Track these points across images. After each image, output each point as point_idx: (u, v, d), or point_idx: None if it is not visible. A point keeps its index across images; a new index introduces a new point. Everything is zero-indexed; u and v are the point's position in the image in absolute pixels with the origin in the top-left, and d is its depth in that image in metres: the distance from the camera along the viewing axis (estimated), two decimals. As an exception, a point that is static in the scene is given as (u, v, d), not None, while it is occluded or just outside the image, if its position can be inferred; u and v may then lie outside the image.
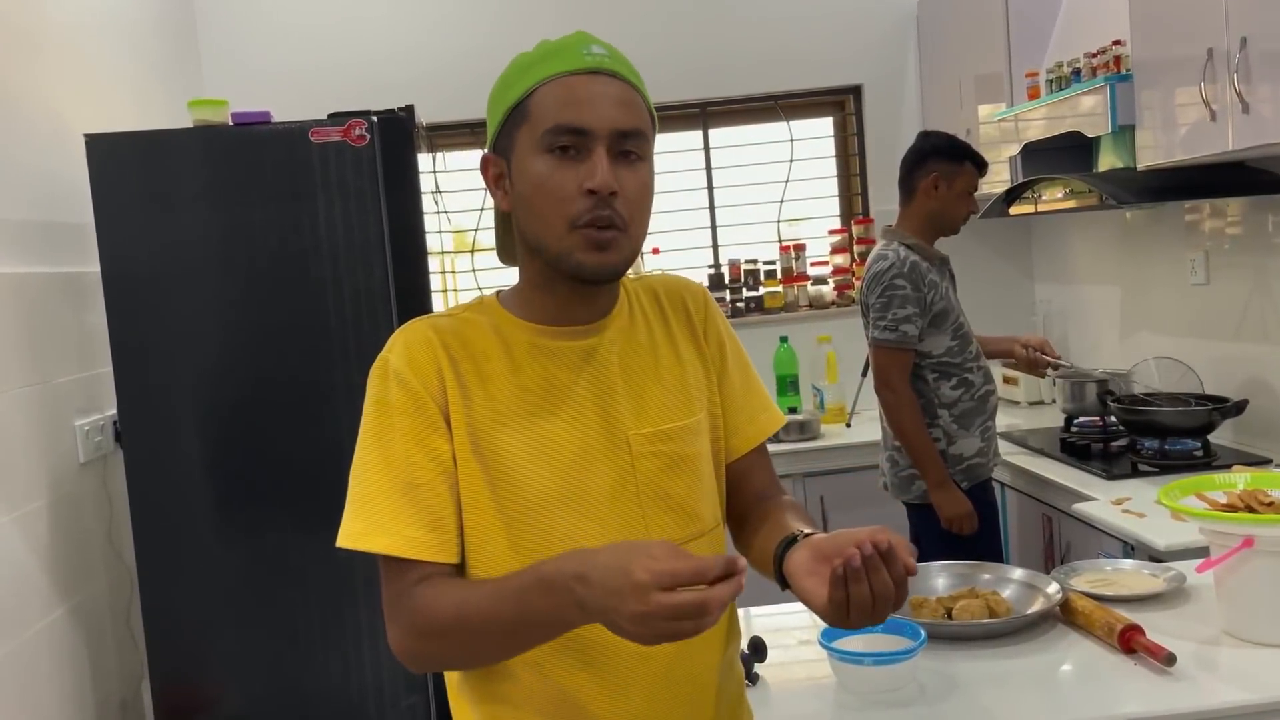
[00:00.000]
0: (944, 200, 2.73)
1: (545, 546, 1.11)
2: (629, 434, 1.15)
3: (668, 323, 1.24)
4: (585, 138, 1.08)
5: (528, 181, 1.11)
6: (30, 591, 2.31)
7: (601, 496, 1.13)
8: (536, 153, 1.09)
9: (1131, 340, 3.34)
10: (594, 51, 1.12)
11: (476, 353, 1.14)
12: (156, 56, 3.35)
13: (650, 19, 3.85)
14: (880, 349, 2.67)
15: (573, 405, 1.14)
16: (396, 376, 1.12)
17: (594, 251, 1.09)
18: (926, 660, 1.57)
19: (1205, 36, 2.22)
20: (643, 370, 1.19)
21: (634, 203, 1.11)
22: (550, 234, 1.10)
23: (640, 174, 1.12)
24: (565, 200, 1.08)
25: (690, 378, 1.22)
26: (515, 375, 1.14)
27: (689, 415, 1.19)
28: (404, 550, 1.08)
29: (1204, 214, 2.91)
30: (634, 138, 1.11)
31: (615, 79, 1.12)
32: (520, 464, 1.11)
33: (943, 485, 2.64)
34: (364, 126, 2.31)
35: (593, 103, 1.09)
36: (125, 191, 2.33)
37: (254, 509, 2.40)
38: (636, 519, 1.14)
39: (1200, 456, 2.66)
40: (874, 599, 1.00)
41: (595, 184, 1.07)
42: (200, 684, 2.43)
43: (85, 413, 2.60)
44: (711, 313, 1.28)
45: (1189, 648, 1.55)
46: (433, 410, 1.11)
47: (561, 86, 1.10)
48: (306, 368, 2.37)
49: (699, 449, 1.20)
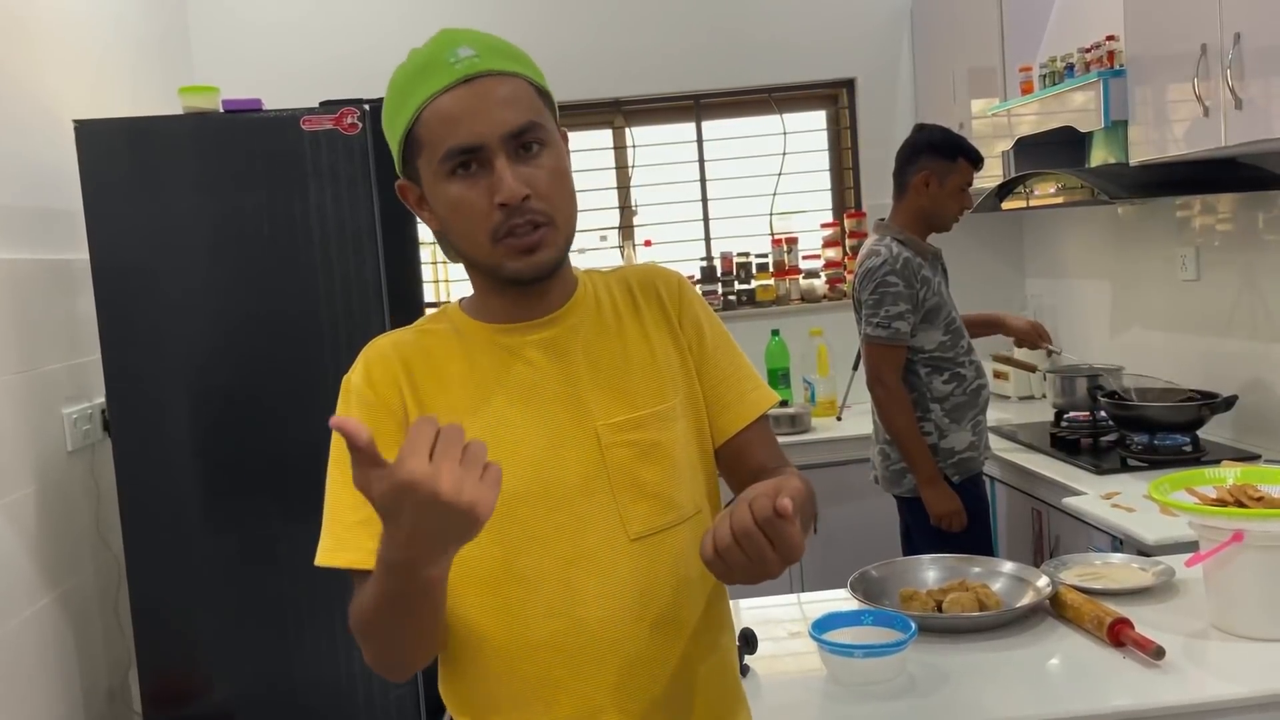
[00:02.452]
0: (935, 198, 2.73)
1: (524, 541, 1.12)
2: (597, 424, 1.15)
3: (638, 310, 1.23)
4: (480, 152, 1.08)
5: (443, 207, 1.11)
6: (17, 579, 2.30)
7: (573, 488, 1.13)
8: (440, 179, 1.10)
9: (1122, 335, 3.35)
10: (461, 56, 1.09)
11: (436, 361, 1.16)
12: (147, 43, 3.32)
13: (644, 11, 3.84)
14: (873, 346, 2.67)
15: (537, 398, 1.15)
16: (357, 393, 1.15)
17: (522, 256, 1.10)
18: (916, 652, 1.58)
19: (1199, 32, 2.22)
20: (610, 359, 1.19)
21: (549, 194, 1.10)
22: (477, 250, 1.11)
23: (547, 162, 1.10)
24: (481, 217, 1.09)
25: (662, 364, 1.21)
26: (475, 375, 1.15)
27: (660, 401, 1.19)
28: (361, 563, 1.09)
29: (1195, 210, 2.92)
30: (528, 131, 1.09)
31: (491, 77, 1.09)
32: None
33: (932, 482, 2.64)
34: (356, 114, 2.30)
35: (474, 115, 1.07)
36: (115, 178, 2.31)
37: (243, 498, 2.40)
38: (610, 509, 1.14)
39: (1189, 451, 2.66)
40: (750, 561, 0.95)
41: (503, 197, 1.07)
42: (188, 673, 2.42)
43: (74, 401, 2.58)
44: (686, 298, 1.26)
45: (1178, 641, 1.56)
46: (390, 425, 1.13)
47: (440, 108, 1.08)
48: (296, 356, 2.36)
49: (673, 435, 1.19)
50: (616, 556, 1.14)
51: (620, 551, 1.14)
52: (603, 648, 1.12)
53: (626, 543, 1.14)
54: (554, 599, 1.12)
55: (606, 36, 3.83)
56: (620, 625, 1.13)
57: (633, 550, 1.14)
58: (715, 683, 1.22)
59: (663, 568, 1.16)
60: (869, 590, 1.80)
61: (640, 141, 3.99)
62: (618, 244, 4.00)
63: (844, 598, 1.81)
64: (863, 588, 1.80)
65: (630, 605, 1.13)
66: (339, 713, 2.42)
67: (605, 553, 1.13)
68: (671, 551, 1.17)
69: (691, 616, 1.18)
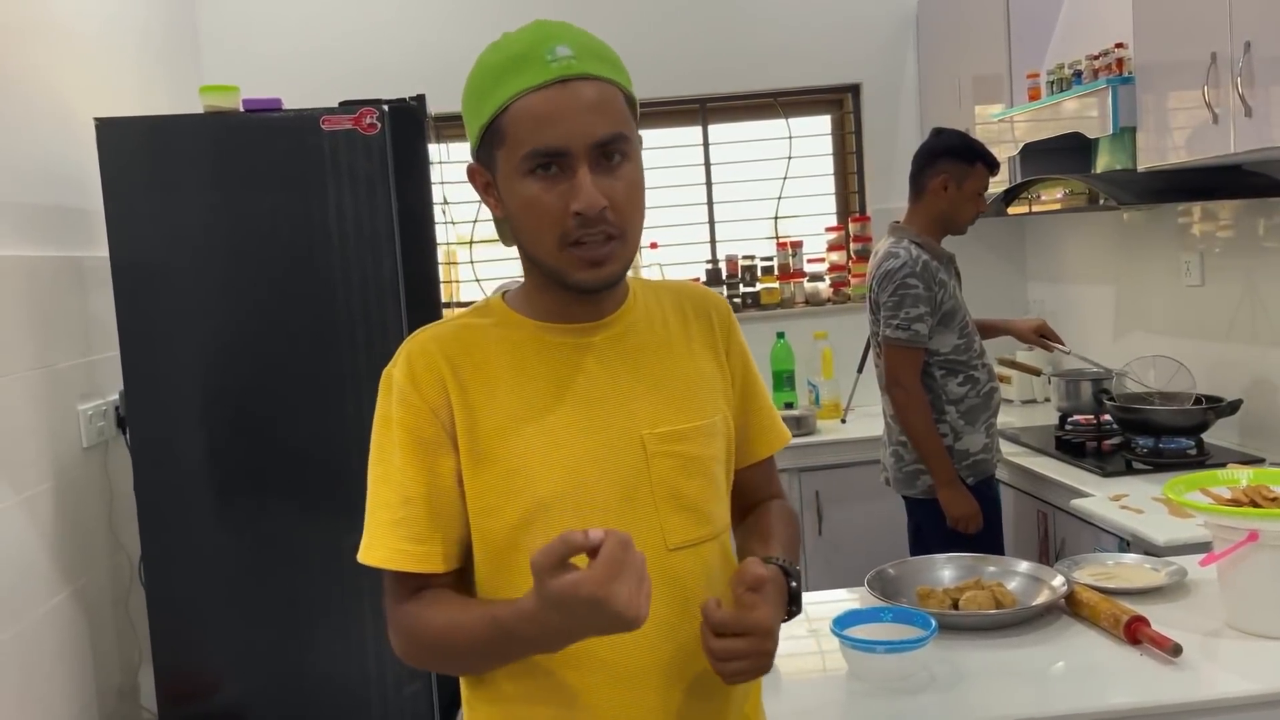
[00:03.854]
0: (953, 201, 2.75)
1: None
2: (643, 433, 1.15)
3: (687, 326, 1.24)
4: (564, 157, 1.06)
5: (515, 203, 1.10)
6: (35, 575, 2.31)
7: (615, 495, 1.13)
8: (518, 176, 1.08)
9: (1125, 340, 3.38)
10: (559, 55, 1.07)
11: (481, 358, 1.14)
12: (161, 44, 3.34)
13: (651, 14, 3.86)
14: (892, 348, 2.69)
15: (585, 402, 1.14)
16: (399, 391, 1.13)
17: (589, 269, 1.09)
18: (935, 650, 1.59)
19: (1209, 40, 2.26)
20: (658, 369, 1.19)
21: (624, 208, 1.09)
22: (544, 251, 1.09)
23: (626, 175, 1.09)
24: (553, 221, 1.07)
25: (706, 381, 1.22)
26: (523, 376, 1.14)
27: (703, 417, 1.19)
28: (391, 562, 1.12)
29: (1200, 216, 2.95)
30: (614, 142, 1.08)
31: (585, 81, 1.07)
32: (531, 464, 1.11)
33: (951, 484, 2.66)
34: (375, 115, 2.32)
35: (566, 119, 1.05)
36: (135, 176, 2.33)
37: (258, 497, 2.41)
38: (651, 518, 1.14)
39: (1194, 455, 2.70)
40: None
41: (580, 206, 1.05)
42: (202, 670, 2.44)
43: (88, 398, 2.60)
44: (734, 327, 1.29)
45: (1193, 639, 1.58)
46: (433, 426, 1.12)
47: (531, 105, 1.06)
48: (313, 355, 2.37)
49: (713, 451, 1.20)
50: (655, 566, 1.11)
51: (658, 561, 1.13)
52: (642, 655, 1.12)
53: (664, 552, 1.14)
54: None
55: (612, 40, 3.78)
56: (659, 634, 1.12)
57: (670, 561, 1.15)
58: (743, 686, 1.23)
59: (698, 580, 1.16)
60: (886, 588, 1.82)
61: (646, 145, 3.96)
62: (623, 246, 4.01)
63: (860, 596, 1.84)
64: (880, 586, 1.82)
65: (668, 615, 1.13)
66: (353, 710, 2.43)
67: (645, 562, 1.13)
68: (704, 564, 1.18)
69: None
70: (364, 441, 1.17)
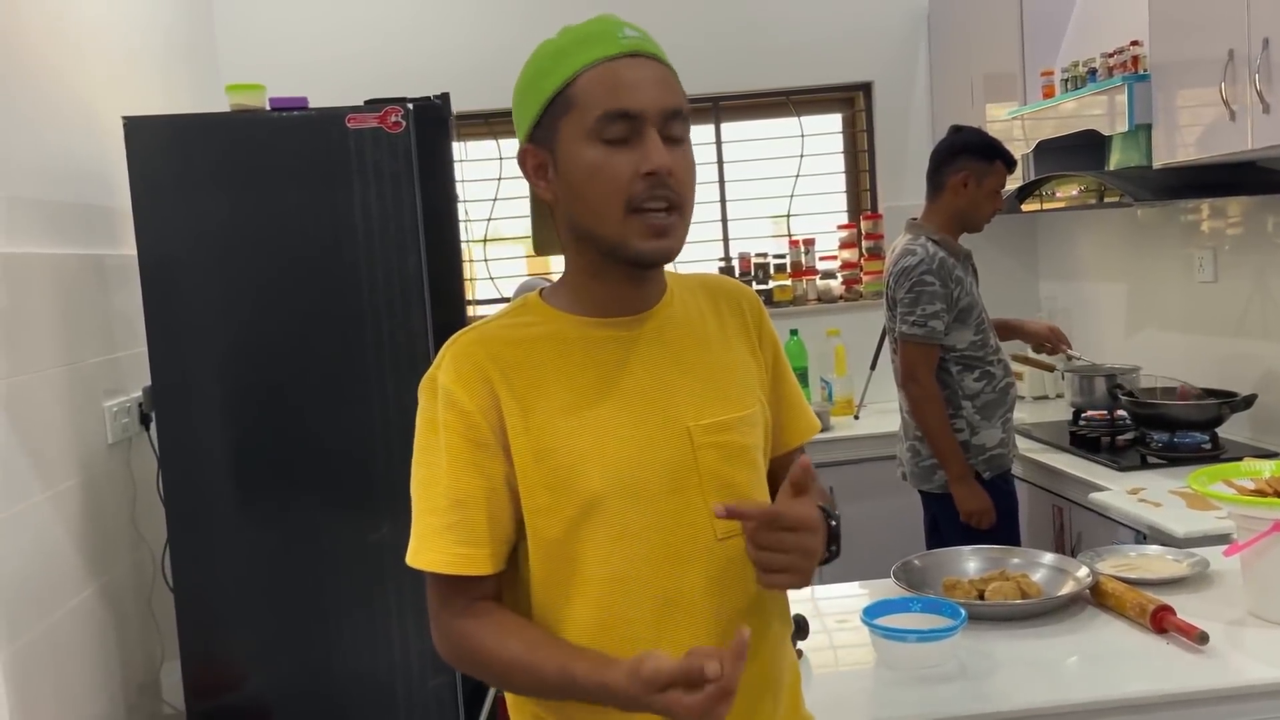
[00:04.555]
0: (973, 198, 2.77)
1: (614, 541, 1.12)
2: (689, 424, 1.15)
3: (722, 317, 1.25)
4: (636, 121, 1.08)
5: (579, 171, 1.10)
6: (63, 570, 2.33)
7: (663, 487, 1.13)
8: (586, 141, 1.09)
9: (1137, 337, 3.40)
10: (628, 34, 1.12)
11: (526, 356, 1.14)
12: (185, 44, 3.36)
13: (664, 13, 3.88)
14: (908, 344, 2.71)
15: (630, 395, 1.15)
16: (445, 394, 1.13)
17: (652, 238, 1.10)
18: (963, 639, 1.62)
19: (1226, 37, 2.27)
20: (700, 360, 1.20)
21: (685, 183, 1.12)
22: (606, 222, 1.10)
23: (687, 154, 1.13)
24: (621, 186, 1.08)
25: (744, 372, 1.24)
26: (568, 372, 1.14)
27: (745, 407, 1.21)
28: (442, 566, 1.12)
29: (1213, 212, 2.97)
30: (679, 118, 1.12)
31: (653, 60, 1.12)
32: (582, 460, 1.12)
33: (963, 480, 2.69)
34: (400, 113, 2.33)
35: (639, 86, 1.09)
36: (162, 175, 2.34)
37: (285, 492, 2.42)
38: (699, 508, 1.14)
39: (1209, 449, 2.72)
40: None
41: (655, 165, 1.08)
42: (229, 663, 2.45)
43: (113, 394, 2.62)
44: (766, 318, 1.31)
45: (1218, 628, 1.61)
46: (483, 429, 1.12)
47: (605, 72, 1.09)
48: (339, 352, 2.39)
49: (755, 440, 1.21)
50: (704, 556, 1.15)
51: (707, 552, 1.15)
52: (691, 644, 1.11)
53: (713, 542, 1.15)
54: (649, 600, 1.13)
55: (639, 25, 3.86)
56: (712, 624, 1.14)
57: (718, 551, 1.15)
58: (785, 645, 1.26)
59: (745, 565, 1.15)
60: (911, 579, 1.85)
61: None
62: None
63: (888, 587, 1.86)
64: (906, 576, 1.85)
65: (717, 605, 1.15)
66: (378, 703, 2.45)
67: (694, 552, 1.14)
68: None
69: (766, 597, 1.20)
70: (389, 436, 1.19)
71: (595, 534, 1.12)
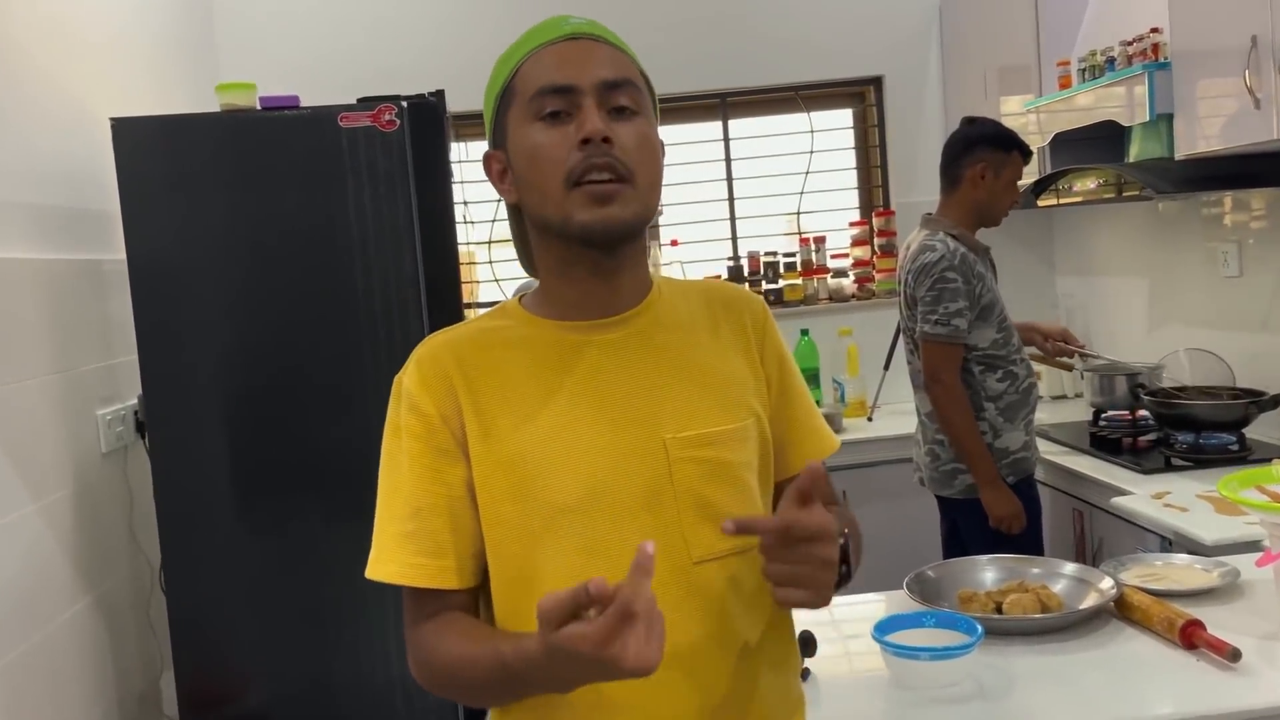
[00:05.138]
0: (991, 190, 2.68)
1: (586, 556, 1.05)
2: (666, 436, 1.08)
3: (716, 326, 1.18)
4: (571, 94, 1.04)
5: (523, 157, 1.06)
6: (56, 581, 2.28)
7: (636, 503, 1.06)
8: (526, 124, 1.06)
9: (1159, 333, 3.31)
10: (572, 23, 1.09)
11: (496, 361, 1.09)
12: (177, 42, 3.31)
13: (670, 7, 3.81)
14: (931, 344, 2.60)
15: (603, 402, 1.08)
16: (408, 398, 1.09)
17: (595, 206, 1.03)
18: (980, 655, 1.54)
19: (1249, 24, 2.19)
20: (683, 369, 1.12)
21: (634, 151, 1.05)
22: (550, 201, 1.05)
23: (638, 125, 1.06)
24: (559, 160, 1.03)
25: (737, 384, 1.15)
26: (539, 377, 1.08)
27: (732, 420, 1.12)
28: (403, 578, 1.07)
29: (1237, 205, 2.88)
30: (624, 87, 1.06)
31: (598, 42, 1.08)
32: (547, 471, 1.06)
33: (994, 484, 2.59)
34: (394, 111, 2.27)
35: (573, 61, 1.05)
36: (151, 176, 2.29)
37: (280, 499, 2.37)
38: (672, 528, 1.07)
39: (1236, 451, 2.62)
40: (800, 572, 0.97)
41: (586, 130, 1.03)
42: (225, 675, 2.40)
43: (108, 402, 2.56)
44: (770, 327, 1.22)
45: (1250, 643, 1.52)
46: (443, 434, 1.07)
47: (541, 55, 1.07)
48: (334, 356, 2.33)
49: (744, 457, 1.12)
50: (679, 580, 1.07)
51: (683, 575, 1.07)
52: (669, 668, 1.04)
53: (689, 565, 1.07)
54: None
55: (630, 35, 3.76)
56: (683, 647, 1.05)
57: (695, 574, 1.08)
58: (778, 695, 1.17)
59: (726, 596, 1.09)
60: (926, 591, 1.77)
61: (666, 141, 3.92)
62: (644, 244, 3.97)
63: (901, 600, 1.78)
64: (919, 589, 1.77)
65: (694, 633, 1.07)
66: (377, 716, 2.39)
67: (666, 576, 1.05)
68: (734, 579, 1.10)
69: (753, 637, 1.12)
70: (385, 444, 1.13)
71: (559, 550, 1.05)
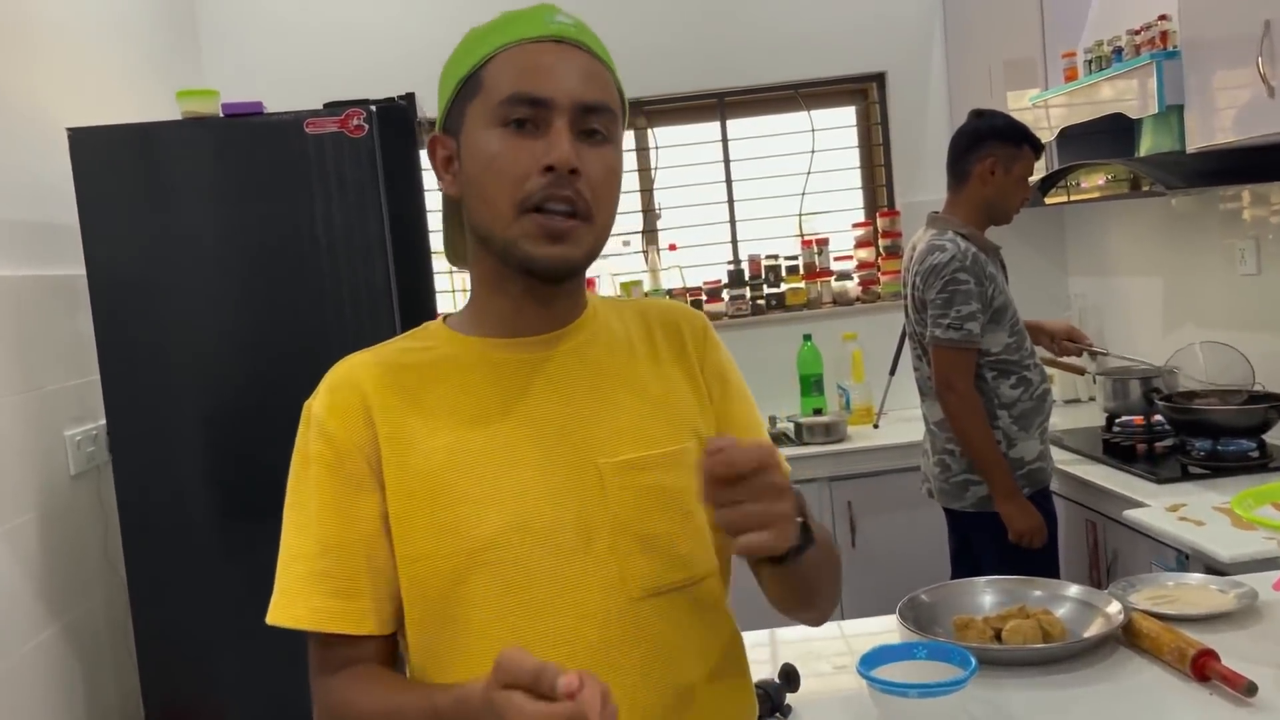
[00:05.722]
0: (1001, 186, 2.54)
1: (499, 593, 0.96)
2: (600, 461, 1.00)
3: (654, 345, 1.10)
4: (544, 109, 0.96)
5: (477, 159, 0.98)
6: (18, 611, 2.20)
7: (569, 534, 0.98)
8: (488, 126, 0.97)
9: (1175, 334, 3.17)
10: (559, 20, 1.00)
11: (415, 384, 1.01)
12: (150, 49, 3.23)
13: (665, 6, 3.71)
14: (943, 349, 2.47)
15: (532, 425, 1.00)
16: (317, 424, 1.01)
17: (546, 242, 0.96)
18: (976, 689, 1.42)
19: (1262, 9, 2.07)
20: (618, 390, 1.04)
21: (599, 186, 0.97)
22: (497, 219, 0.97)
23: (606, 156, 0.99)
24: (517, 179, 0.95)
25: (676, 404, 1.07)
26: (462, 401, 1.01)
27: (672, 443, 1.04)
28: (314, 623, 0.98)
29: (1254, 199, 2.75)
30: (600, 113, 0.98)
31: (581, 50, 0.99)
32: (470, 500, 0.97)
33: (1012, 496, 2.44)
34: (362, 116, 2.18)
35: (554, 71, 0.97)
36: (111, 188, 2.21)
37: (251, 521, 2.28)
38: (609, 561, 0.98)
39: (1256, 458, 2.49)
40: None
41: (554, 158, 0.94)
42: (197, 705, 2.31)
43: (79, 421, 2.48)
44: (711, 342, 1.14)
45: (1268, 674, 1.40)
46: (355, 463, 0.99)
47: (519, 54, 0.98)
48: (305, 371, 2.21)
49: (685, 482, 1.02)
50: (615, 618, 0.97)
51: (622, 612, 0.98)
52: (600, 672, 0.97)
53: (629, 602, 0.98)
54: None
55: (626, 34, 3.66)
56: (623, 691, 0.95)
57: (637, 612, 0.98)
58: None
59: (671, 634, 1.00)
60: (919, 617, 1.65)
61: (663, 142, 3.86)
62: (641, 249, 3.87)
63: (892, 627, 1.67)
64: (913, 615, 1.65)
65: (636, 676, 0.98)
66: (355, 746, 2.29)
67: (603, 613, 0.97)
68: (678, 615, 1.01)
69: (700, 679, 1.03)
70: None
71: (485, 588, 0.96)
